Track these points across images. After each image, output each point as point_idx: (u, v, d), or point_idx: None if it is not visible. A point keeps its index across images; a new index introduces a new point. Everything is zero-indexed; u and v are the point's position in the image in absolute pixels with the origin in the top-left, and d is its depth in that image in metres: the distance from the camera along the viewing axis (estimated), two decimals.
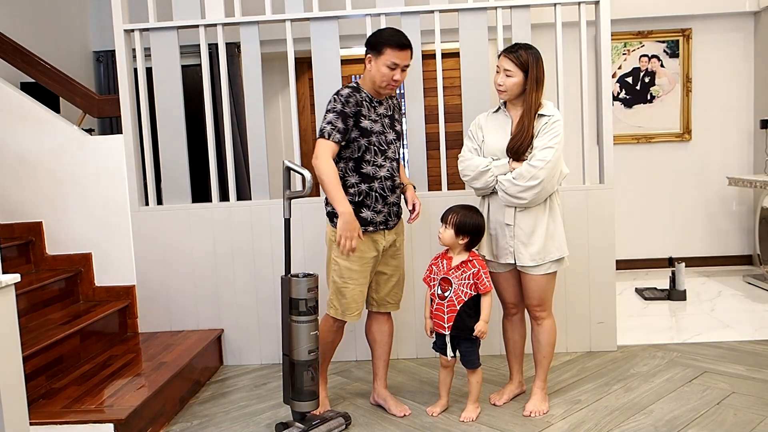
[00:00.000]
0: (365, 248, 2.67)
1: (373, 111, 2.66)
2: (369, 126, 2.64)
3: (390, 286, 2.82)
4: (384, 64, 2.57)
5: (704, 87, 5.40)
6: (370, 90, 2.68)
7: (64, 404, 2.59)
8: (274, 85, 5.62)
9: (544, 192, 2.57)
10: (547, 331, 2.76)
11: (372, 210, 2.66)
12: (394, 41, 2.57)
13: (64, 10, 5.02)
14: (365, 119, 2.63)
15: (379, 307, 2.84)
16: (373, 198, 2.66)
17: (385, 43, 2.58)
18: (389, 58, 2.57)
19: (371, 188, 2.65)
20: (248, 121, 3.51)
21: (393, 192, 2.71)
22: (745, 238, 5.49)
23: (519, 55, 2.57)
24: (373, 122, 2.65)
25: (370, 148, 2.64)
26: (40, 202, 3.56)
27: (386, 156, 2.68)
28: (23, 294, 3.07)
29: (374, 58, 2.60)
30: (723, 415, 2.64)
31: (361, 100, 2.63)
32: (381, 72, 2.59)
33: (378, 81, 2.61)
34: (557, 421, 2.68)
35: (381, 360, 2.88)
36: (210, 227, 3.50)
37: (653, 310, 4.26)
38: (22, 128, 3.52)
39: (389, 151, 2.70)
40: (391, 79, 2.60)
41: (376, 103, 2.68)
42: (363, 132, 2.62)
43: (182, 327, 3.57)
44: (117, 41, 3.44)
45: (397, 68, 2.58)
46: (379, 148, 2.66)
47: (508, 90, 2.61)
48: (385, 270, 2.80)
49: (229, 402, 3.06)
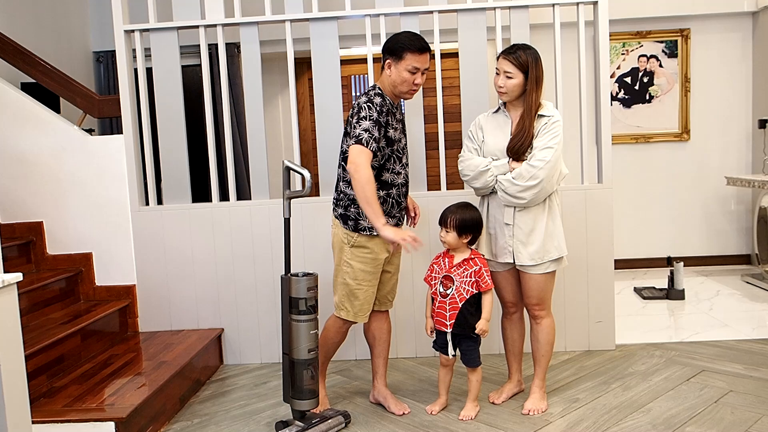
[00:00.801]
0: (378, 250, 2.69)
1: (394, 118, 2.67)
2: (392, 135, 2.65)
3: (392, 284, 2.87)
4: (405, 69, 2.57)
5: (703, 87, 5.41)
6: (389, 96, 2.67)
7: (66, 403, 2.61)
8: (273, 85, 5.63)
9: (544, 192, 2.58)
10: (546, 330, 2.77)
11: (388, 215, 2.65)
12: (414, 45, 2.56)
13: (65, 10, 5.03)
14: (390, 128, 2.64)
15: (380, 306, 2.86)
16: (390, 204, 2.68)
17: (405, 47, 2.56)
18: (410, 63, 2.56)
19: (389, 195, 2.67)
20: (248, 121, 3.52)
21: (405, 197, 2.77)
22: (743, 238, 5.50)
23: (518, 56, 2.58)
24: (395, 130, 2.66)
25: (392, 156, 2.65)
26: (41, 202, 3.57)
27: (402, 163, 2.71)
28: (24, 293, 3.08)
29: (394, 63, 2.59)
30: (720, 414, 2.66)
31: (389, 108, 2.63)
32: (402, 77, 2.58)
33: (399, 86, 2.61)
34: (556, 420, 2.69)
35: (380, 358, 2.89)
36: (210, 227, 3.52)
37: (652, 309, 4.28)
38: (22, 128, 3.53)
39: (404, 157, 2.73)
40: (413, 83, 2.60)
41: (394, 110, 2.69)
42: (389, 141, 2.63)
43: (182, 326, 3.58)
44: (117, 42, 3.45)
45: (417, 72, 2.59)
46: (397, 156, 2.68)
47: (509, 92, 2.62)
48: (388, 268, 2.82)
49: (229, 401, 3.08)
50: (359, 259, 2.67)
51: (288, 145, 5.70)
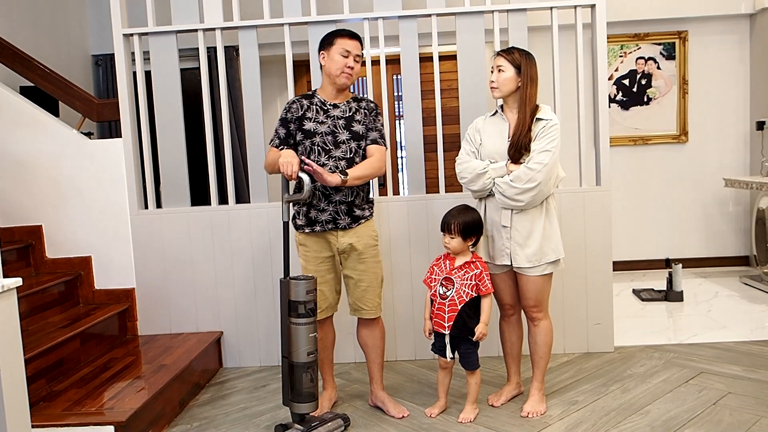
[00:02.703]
0: (318, 248, 2.76)
1: (316, 112, 2.74)
2: (310, 127, 2.72)
3: (360, 291, 2.80)
4: (337, 53, 2.69)
5: (700, 89, 5.42)
6: (329, 92, 2.77)
7: (65, 407, 2.61)
8: (272, 88, 5.63)
9: (541, 195, 2.59)
10: (544, 333, 2.78)
11: (316, 209, 2.72)
12: (343, 32, 2.73)
13: (63, 14, 5.04)
14: (309, 121, 2.73)
15: (356, 312, 2.84)
16: (318, 197, 2.71)
17: (334, 35, 2.73)
18: (341, 46, 2.69)
19: (315, 187, 2.70)
20: (247, 124, 3.52)
21: (338, 190, 2.70)
22: (741, 239, 5.51)
23: (510, 52, 2.64)
24: (319, 123, 2.72)
25: (313, 147, 2.71)
26: (40, 206, 3.57)
27: (332, 156, 2.70)
28: (24, 297, 3.08)
29: (327, 53, 2.72)
30: (719, 416, 2.66)
31: (303, 105, 2.75)
32: (334, 60, 2.70)
33: (334, 72, 2.71)
34: (555, 422, 2.70)
35: (375, 363, 2.89)
36: (209, 230, 3.52)
37: (650, 311, 4.28)
38: (21, 132, 3.53)
39: (337, 150, 2.71)
40: (346, 66, 2.68)
41: (319, 106, 2.76)
42: (306, 134, 2.72)
43: (182, 329, 3.58)
44: (116, 45, 3.46)
45: (349, 55, 2.69)
46: (322, 148, 2.70)
47: (500, 86, 2.63)
48: (351, 274, 2.79)
49: (228, 404, 3.08)
50: (302, 256, 2.81)
51: None
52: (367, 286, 2.79)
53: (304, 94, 2.81)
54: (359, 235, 2.75)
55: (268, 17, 3.47)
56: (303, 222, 2.76)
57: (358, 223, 2.76)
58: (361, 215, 2.77)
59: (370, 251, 2.79)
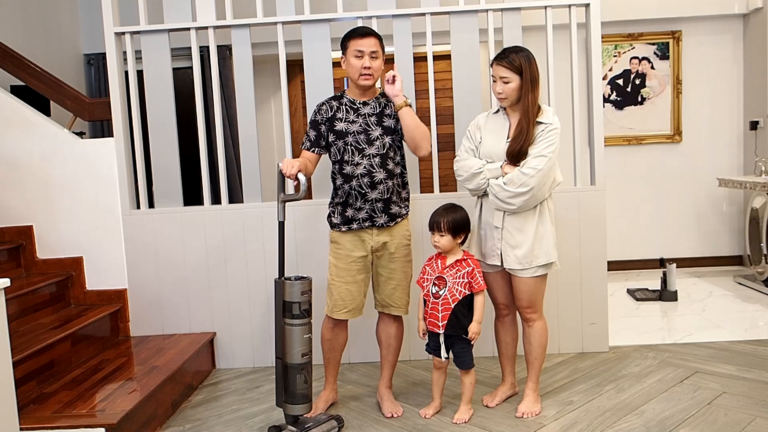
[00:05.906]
0: (351, 246, 2.76)
1: (347, 112, 2.75)
2: (342, 128, 2.73)
3: (390, 289, 2.84)
4: (351, 56, 2.70)
5: (694, 89, 5.44)
6: (354, 92, 2.80)
7: (56, 409, 2.58)
8: (266, 87, 5.61)
9: (534, 199, 2.57)
10: (539, 333, 2.76)
11: (353, 207, 2.74)
12: (354, 32, 2.73)
13: (55, 12, 5.00)
14: (340, 122, 2.74)
15: (383, 308, 2.87)
16: (354, 196, 2.72)
17: (347, 38, 2.73)
18: (353, 48, 2.69)
19: (351, 187, 2.71)
20: (240, 123, 3.50)
21: (373, 188, 2.71)
22: (735, 239, 5.52)
23: (511, 60, 2.58)
24: (350, 123, 2.73)
25: (346, 148, 2.72)
26: (31, 206, 3.54)
27: (365, 154, 2.71)
28: (14, 298, 3.05)
29: (344, 57, 2.74)
30: (714, 415, 2.66)
31: (333, 106, 2.78)
32: (351, 64, 2.71)
33: (353, 75, 2.72)
34: (549, 423, 2.69)
35: (386, 360, 2.91)
36: (202, 230, 3.49)
37: (645, 310, 4.28)
38: (12, 132, 3.50)
39: (371, 148, 2.72)
40: (362, 67, 2.68)
41: (350, 105, 2.77)
42: (338, 134, 2.73)
43: (174, 330, 3.55)
44: (108, 44, 3.43)
45: (363, 56, 2.68)
46: (355, 147, 2.71)
47: (508, 96, 2.61)
48: (381, 272, 2.83)
49: (221, 405, 3.05)
50: (333, 254, 2.81)
51: (280, 147, 5.68)
52: (396, 285, 2.83)
53: (333, 96, 2.84)
54: (393, 235, 2.79)
55: (261, 16, 3.45)
56: (339, 220, 2.78)
57: (395, 222, 2.79)
58: (398, 213, 2.79)
59: (402, 251, 2.83)
